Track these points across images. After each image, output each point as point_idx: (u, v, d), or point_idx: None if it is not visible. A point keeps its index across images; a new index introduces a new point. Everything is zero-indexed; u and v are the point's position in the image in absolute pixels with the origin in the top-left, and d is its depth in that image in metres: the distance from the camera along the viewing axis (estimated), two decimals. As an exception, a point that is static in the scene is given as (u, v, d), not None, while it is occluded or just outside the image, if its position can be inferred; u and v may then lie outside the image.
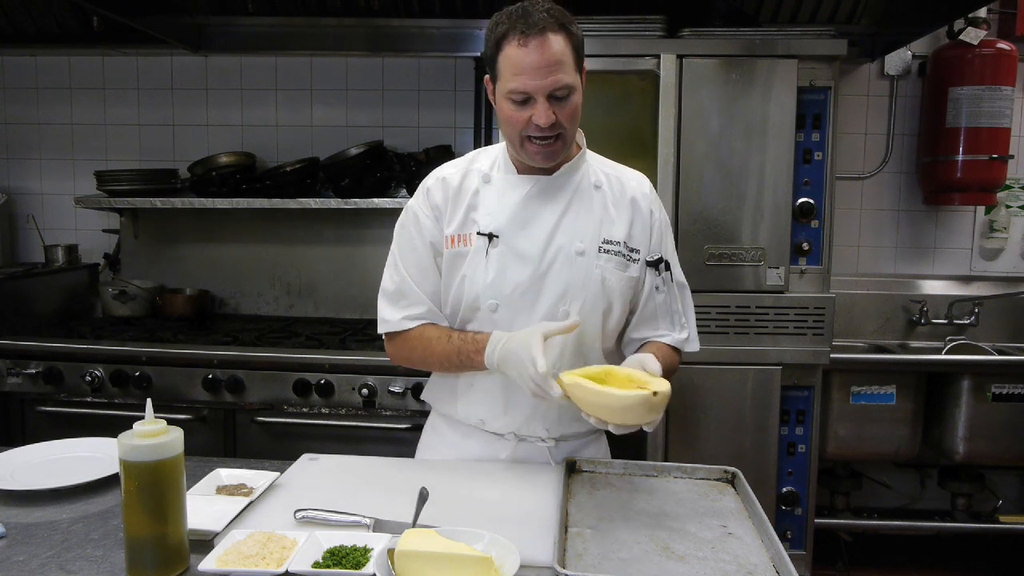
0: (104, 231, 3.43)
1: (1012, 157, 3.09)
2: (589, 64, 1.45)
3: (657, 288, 1.56)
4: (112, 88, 3.41)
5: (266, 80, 3.35)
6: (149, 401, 1.13)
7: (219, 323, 3.20)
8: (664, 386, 1.17)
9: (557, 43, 1.33)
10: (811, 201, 2.56)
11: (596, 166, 1.57)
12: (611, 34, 2.51)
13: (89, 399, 2.67)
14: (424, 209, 1.54)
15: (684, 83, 2.50)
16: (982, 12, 2.97)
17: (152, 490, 1.07)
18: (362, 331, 2.98)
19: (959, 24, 3.00)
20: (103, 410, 2.65)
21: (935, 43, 3.17)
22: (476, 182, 1.52)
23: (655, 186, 2.46)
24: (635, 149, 2.55)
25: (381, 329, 1.58)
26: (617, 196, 1.54)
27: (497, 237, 1.47)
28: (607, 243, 1.50)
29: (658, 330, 1.58)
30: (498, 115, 1.44)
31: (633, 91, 2.54)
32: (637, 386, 1.18)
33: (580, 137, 1.54)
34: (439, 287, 1.55)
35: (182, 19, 3.13)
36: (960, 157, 3.04)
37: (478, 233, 1.48)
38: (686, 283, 1.64)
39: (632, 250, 1.53)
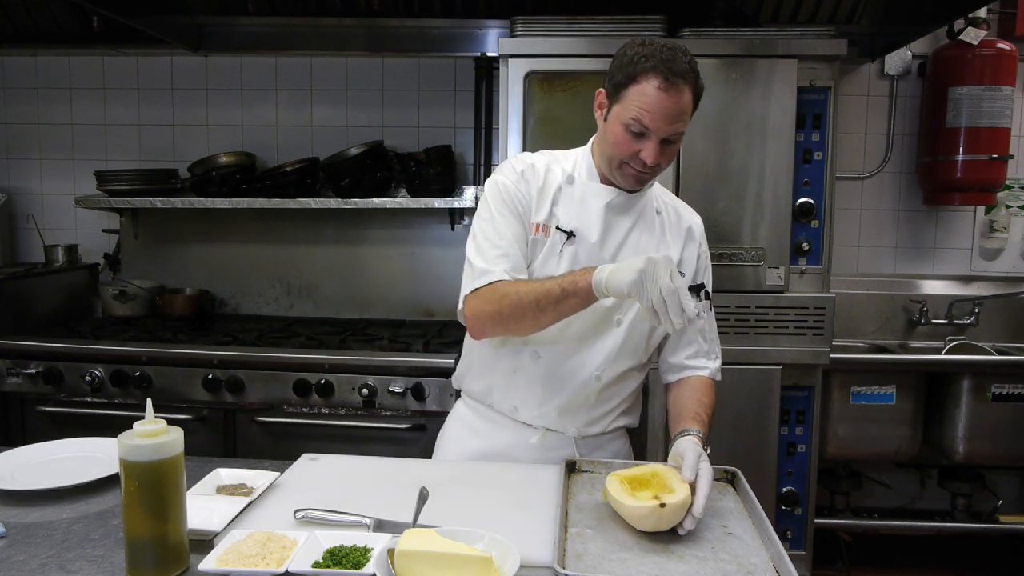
0: (104, 231, 3.43)
1: (1012, 157, 3.09)
2: (589, 64, 1.46)
3: (698, 314, 1.59)
4: (112, 88, 3.41)
5: (266, 80, 3.35)
6: (149, 401, 1.13)
7: (219, 323, 3.21)
8: (676, 498, 1.22)
9: (688, 96, 1.43)
10: (811, 201, 2.56)
11: (658, 193, 1.65)
12: (611, 34, 2.50)
13: (89, 399, 2.67)
14: (522, 190, 1.55)
15: (684, 83, 2.50)
16: (982, 12, 2.96)
17: (152, 490, 1.07)
18: (362, 331, 2.98)
19: (959, 24, 3.00)
20: (103, 410, 2.65)
21: (935, 43, 3.16)
22: (559, 179, 1.58)
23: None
24: (635, 149, 2.55)
25: (480, 281, 1.50)
26: (673, 224, 1.64)
27: (575, 236, 1.54)
28: None
29: (697, 358, 1.65)
30: (605, 133, 1.49)
31: (633, 91, 2.53)
32: (654, 495, 1.24)
33: None
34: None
35: (182, 19, 3.13)
36: (960, 157, 3.04)
37: (557, 227, 1.55)
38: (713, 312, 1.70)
39: (681, 274, 1.56)
